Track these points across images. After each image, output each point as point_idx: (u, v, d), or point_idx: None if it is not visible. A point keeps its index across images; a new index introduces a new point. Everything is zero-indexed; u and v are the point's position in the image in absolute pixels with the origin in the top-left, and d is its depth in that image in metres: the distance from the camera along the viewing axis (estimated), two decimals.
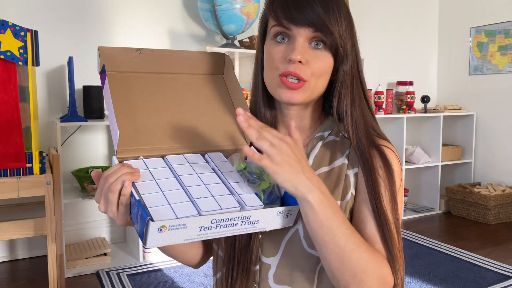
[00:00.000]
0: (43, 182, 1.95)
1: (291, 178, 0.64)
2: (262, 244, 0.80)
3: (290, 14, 0.75)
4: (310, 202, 0.65)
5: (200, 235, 0.62)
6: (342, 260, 0.68)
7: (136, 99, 0.75)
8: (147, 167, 0.70)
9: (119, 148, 0.70)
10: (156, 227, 0.58)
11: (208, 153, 0.76)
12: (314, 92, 0.79)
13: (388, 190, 0.76)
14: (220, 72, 0.85)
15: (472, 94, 4.01)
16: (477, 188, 3.68)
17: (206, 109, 0.80)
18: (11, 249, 2.73)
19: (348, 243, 0.67)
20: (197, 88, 0.81)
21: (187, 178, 0.69)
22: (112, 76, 0.75)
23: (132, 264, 2.63)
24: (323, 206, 0.66)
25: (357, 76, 0.82)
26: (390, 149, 0.81)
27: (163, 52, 0.79)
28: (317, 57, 0.77)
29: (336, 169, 0.81)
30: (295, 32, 0.76)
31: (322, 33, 0.75)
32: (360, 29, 3.54)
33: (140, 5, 2.99)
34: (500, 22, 3.77)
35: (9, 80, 1.86)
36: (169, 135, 0.75)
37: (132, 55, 0.76)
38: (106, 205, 0.65)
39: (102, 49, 0.74)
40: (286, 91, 0.77)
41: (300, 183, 0.65)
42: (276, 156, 0.64)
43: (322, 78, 0.79)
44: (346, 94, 0.80)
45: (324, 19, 0.75)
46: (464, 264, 2.69)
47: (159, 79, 0.79)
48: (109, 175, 0.65)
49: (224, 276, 0.82)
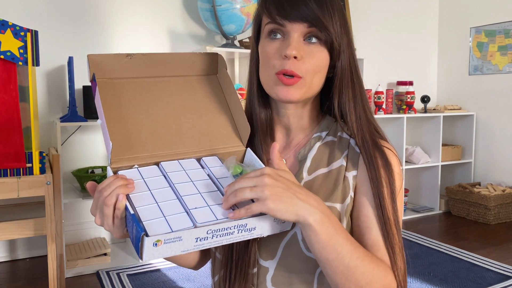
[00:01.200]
0: (43, 182, 1.95)
1: (287, 208, 0.63)
2: (260, 247, 0.79)
3: (284, 11, 0.75)
4: (312, 226, 0.64)
5: (196, 246, 0.61)
6: (347, 276, 0.68)
7: (129, 105, 0.74)
8: (142, 176, 0.69)
9: (113, 158, 0.69)
10: (151, 242, 0.58)
11: (203, 158, 0.75)
12: (310, 89, 0.78)
13: (389, 191, 0.76)
14: (214, 72, 0.83)
15: (472, 94, 4.01)
16: (477, 188, 3.68)
17: (201, 110, 0.79)
18: (11, 249, 2.73)
19: (352, 259, 0.67)
20: (191, 90, 0.80)
21: (182, 187, 0.68)
22: (103, 83, 0.74)
23: (132, 264, 2.63)
24: (325, 226, 0.65)
25: (355, 72, 0.81)
26: (390, 150, 0.80)
27: (154, 56, 0.77)
28: (312, 52, 0.76)
29: (334, 170, 0.80)
30: (289, 28, 0.75)
31: (317, 28, 0.75)
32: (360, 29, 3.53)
33: (140, 5, 2.99)
34: (500, 22, 3.77)
35: (9, 80, 1.86)
36: (164, 141, 0.74)
37: (123, 61, 0.75)
38: (102, 219, 0.65)
39: (92, 57, 0.72)
40: (282, 88, 0.76)
41: (299, 209, 0.63)
42: (262, 193, 0.62)
43: (318, 74, 0.78)
44: (347, 90, 0.79)
45: (318, 14, 0.74)
46: (464, 264, 2.69)
47: (151, 84, 0.77)
48: (103, 188, 0.64)
49: (222, 278, 0.81)
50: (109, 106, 0.72)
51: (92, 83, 0.74)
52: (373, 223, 0.75)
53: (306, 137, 0.85)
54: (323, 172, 0.81)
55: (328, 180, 0.79)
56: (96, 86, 0.72)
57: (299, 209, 0.63)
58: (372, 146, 0.78)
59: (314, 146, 0.83)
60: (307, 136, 0.85)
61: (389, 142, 0.83)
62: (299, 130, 0.85)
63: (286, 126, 0.86)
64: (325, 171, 0.81)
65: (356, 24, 3.73)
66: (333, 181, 0.79)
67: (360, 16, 3.78)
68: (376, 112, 3.61)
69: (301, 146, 0.84)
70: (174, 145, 0.74)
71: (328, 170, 0.80)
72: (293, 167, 0.83)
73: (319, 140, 0.83)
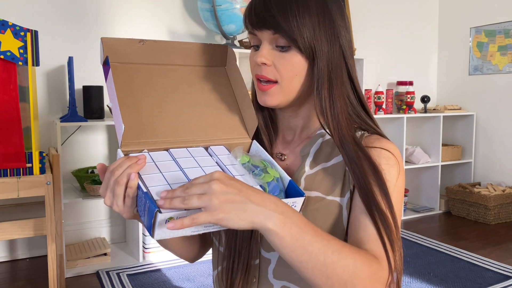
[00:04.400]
0: (43, 182, 1.95)
1: (240, 215, 0.58)
2: (262, 239, 0.80)
3: (251, 19, 0.77)
4: (272, 230, 0.59)
5: (207, 227, 0.62)
6: (327, 274, 0.62)
7: (140, 91, 0.75)
8: (153, 160, 0.70)
9: (124, 141, 0.70)
10: (164, 219, 0.58)
11: (211, 147, 0.76)
12: (290, 93, 0.79)
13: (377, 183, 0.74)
14: (223, 64, 0.85)
15: (472, 94, 4.01)
16: (477, 188, 3.68)
17: (208, 101, 0.80)
18: (11, 249, 2.73)
19: (327, 255, 0.62)
20: (200, 80, 0.81)
21: (192, 171, 0.69)
22: (116, 67, 0.74)
23: (132, 264, 2.63)
24: (287, 227, 0.60)
25: (340, 70, 0.79)
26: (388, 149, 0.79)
27: (166, 43, 0.78)
28: (283, 58, 0.77)
29: (335, 165, 0.81)
30: (260, 36, 0.78)
31: (279, 34, 0.75)
32: (360, 29, 3.54)
33: (140, 5, 2.99)
34: (500, 22, 3.77)
35: (9, 80, 1.86)
36: (172, 128, 0.75)
37: (135, 46, 0.76)
38: (112, 199, 0.65)
39: (106, 40, 0.73)
40: (261, 95, 0.80)
41: (254, 215, 0.59)
42: (210, 202, 0.57)
43: (295, 78, 0.78)
44: (322, 91, 0.77)
45: (279, 20, 0.74)
46: (464, 264, 2.69)
47: (162, 71, 0.79)
48: (115, 168, 0.64)
49: (224, 270, 0.82)
50: (121, 90, 0.73)
51: (104, 66, 0.75)
52: (362, 215, 0.73)
53: (310, 134, 0.86)
54: (325, 166, 0.81)
55: (329, 174, 0.80)
56: (109, 69, 0.73)
57: (254, 215, 0.59)
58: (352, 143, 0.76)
59: (317, 142, 0.84)
60: (311, 133, 0.86)
61: (386, 137, 0.82)
62: (300, 128, 0.87)
63: (289, 125, 0.88)
64: (327, 166, 0.81)
65: (356, 24, 3.73)
66: (334, 175, 0.80)
67: (360, 16, 3.78)
68: (376, 112, 3.61)
69: (305, 142, 0.86)
70: (183, 133, 0.75)
71: (330, 164, 0.81)
72: (296, 161, 0.85)
73: (322, 137, 0.84)
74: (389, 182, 0.75)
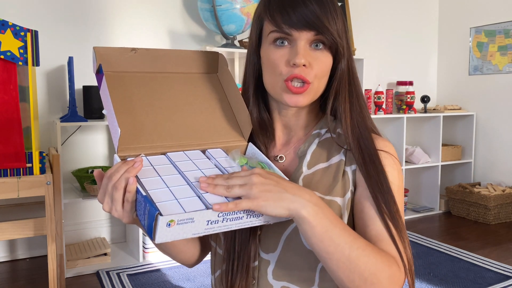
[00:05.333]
0: (43, 182, 1.95)
1: (277, 202, 0.62)
2: (261, 240, 0.80)
3: (289, 17, 0.74)
4: (306, 218, 0.63)
5: (207, 229, 0.62)
6: (349, 268, 0.65)
7: (134, 98, 0.76)
8: (151, 164, 0.70)
9: (120, 146, 0.70)
10: (165, 222, 0.58)
11: (208, 150, 0.76)
12: (316, 93, 0.80)
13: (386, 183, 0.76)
14: (214, 71, 0.85)
15: (472, 94, 4.01)
16: (477, 188, 3.68)
17: (202, 107, 0.80)
18: (11, 249, 2.73)
19: (352, 250, 0.65)
20: (193, 87, 0.82)
21: (191, 174, 0.69)
22: (108, 76, 0.75)
23: (132, 264, 2.63)
24: (320, 218, 0.64)
25: (352, 73, 0.81)
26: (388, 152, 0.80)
27: (157, 51, 0.79)
28: (319, 58, 0.77)
29: (334, 165, 0.81)
30: (296, 36, 0.75)
31: (324, 35, 0.75)
32: (360, 29, 3.53)
33: (140, 5, 2.99)
34: (500, 22, 3.77)
35: (9, 80, 1.86)
36: (168, 133, 0.75)
37: (128, 54, 0.77)
38: (111, 204, 0.65)
39: (98, 49, 0.74)
40: (291, 96, 0.77)
41: (290, 203, 0.63)
42: (250, 191, 0.62)
43: (323, 78, 0.79)
44: (343, 91, 0.80)
45: (323, 20, 0.74)
46: (464, 264, 2.69)
47: (154, 79, 0.79)
48: (112, 173, 0.64)
49: (224, 272, 0.82)
50: (115, 97, 0.74)
51: (97, 74, 0.75)
52: (375, 214, 0.74)
53: (306, 134, 0.86)
54: (323, 166, 0.81)
55: (327, 174, 0.80)
56: (102, 77, 0.73)
57: (290, 203, 0.63)
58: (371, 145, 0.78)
59: (314, 142, 0.84)
60: (307, 133, 0.86)
61: (387, 139, 0.84)
62: (299, 127, 0.86)
63: (287, 125, 0.87)
64: (325, 166, 0.81)
65: (356, 24, 3.73)
66: (332, 175, 0.80)
67: (360, 16, 3.78)
68: (376, 112, 3.61)
69: (301, 142, 0.85)
70: (178, 137, 0.76)
71: (328, 164, 0.81)
72: (293, 162, 0.84)
73: (318, 137, 0.84)
74: (393, 184, 0.77)
